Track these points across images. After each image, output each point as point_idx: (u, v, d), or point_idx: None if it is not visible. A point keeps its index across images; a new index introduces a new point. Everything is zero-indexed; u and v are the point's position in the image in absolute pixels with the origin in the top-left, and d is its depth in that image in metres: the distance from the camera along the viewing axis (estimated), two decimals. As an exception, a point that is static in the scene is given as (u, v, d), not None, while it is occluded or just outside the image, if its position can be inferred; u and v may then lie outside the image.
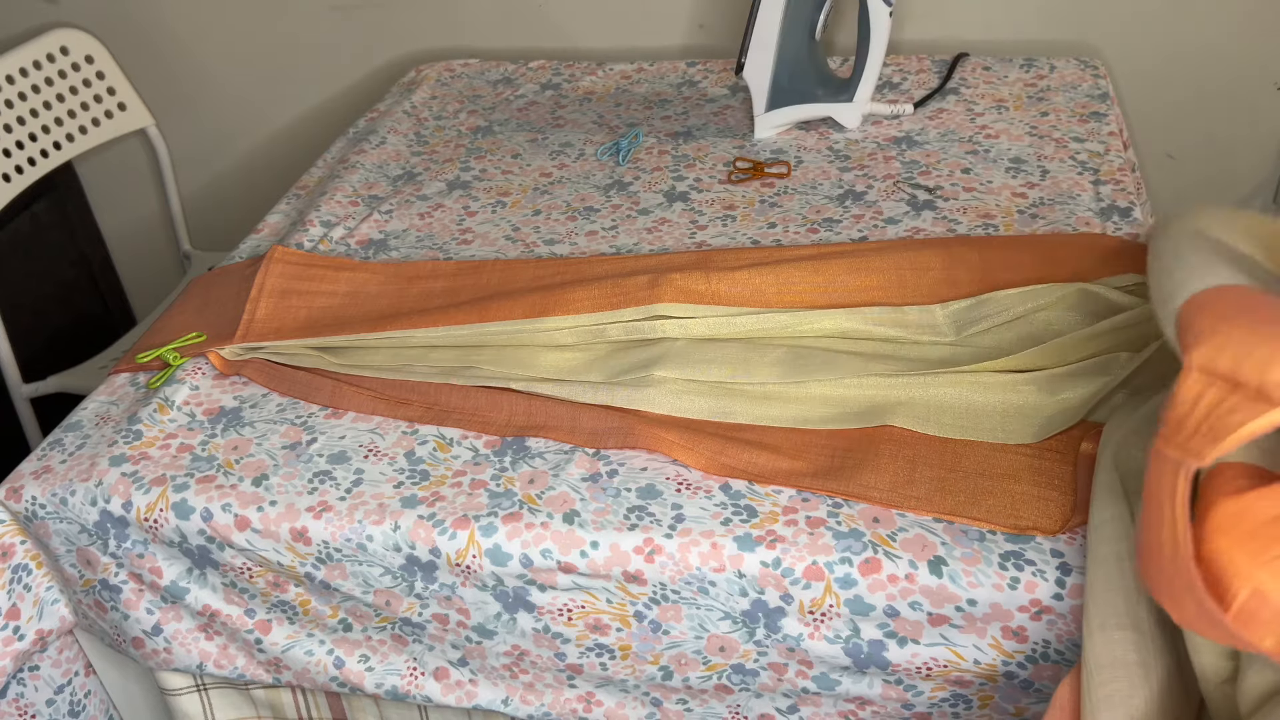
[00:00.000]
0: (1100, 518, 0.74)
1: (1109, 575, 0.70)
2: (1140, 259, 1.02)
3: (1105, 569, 0.71)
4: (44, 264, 1.89)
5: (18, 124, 1.63)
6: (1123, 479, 0.76)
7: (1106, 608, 0.69)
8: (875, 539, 0.81)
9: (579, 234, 1.21)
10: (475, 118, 1.50)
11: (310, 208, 1.29)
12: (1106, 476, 0.76)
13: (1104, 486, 0.75)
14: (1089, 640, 0.69)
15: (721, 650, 0.86)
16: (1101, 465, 0.78)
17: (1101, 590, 0.70)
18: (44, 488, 0.95)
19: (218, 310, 1.14)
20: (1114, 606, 0.69)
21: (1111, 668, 0.67)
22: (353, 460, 0.93)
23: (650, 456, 0.90)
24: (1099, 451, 0.80)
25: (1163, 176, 1.62)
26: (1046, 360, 0.92)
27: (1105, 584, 0.70)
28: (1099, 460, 0.79)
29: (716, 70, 1.56)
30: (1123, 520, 0.72)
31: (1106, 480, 0.75)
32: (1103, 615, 0.69)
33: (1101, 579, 0.71)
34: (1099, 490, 0.76)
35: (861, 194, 1.22)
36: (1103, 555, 0.72)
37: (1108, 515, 0.73)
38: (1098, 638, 0.69)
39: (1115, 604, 0.69)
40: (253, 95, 1.84)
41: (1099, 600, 0.70)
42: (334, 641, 0.95)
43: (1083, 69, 1.44)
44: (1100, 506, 0.75)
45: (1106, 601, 0.70)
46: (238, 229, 1.97)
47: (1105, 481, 0.76)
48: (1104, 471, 0.76)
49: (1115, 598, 0.69)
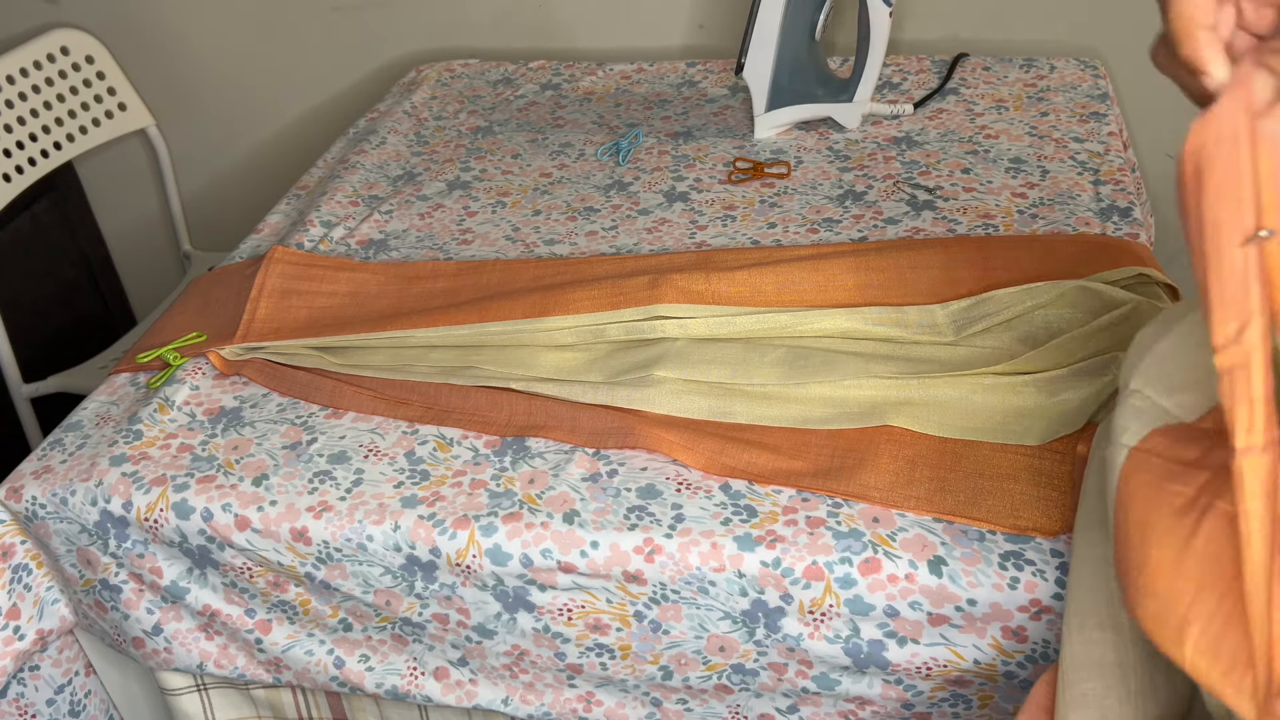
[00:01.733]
0: (1086, 520, 0.74)
1: (1093, 575, 0.70)
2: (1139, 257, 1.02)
3: (1089, 569, 0.71)
4: (44, 264, 1.89)
5: (18, 124, 1.63)
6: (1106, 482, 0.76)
7: (1087, 608, 0.69)
8: (875, 539, 0.81)
9: (579, 234, 1.21)
10: (475, 118, 1.51)
11: (310, 208, 1.29)
12: (1095, 480, 0.76)
13: (1091, 489, 0.76)
14: (1067, 640, 0.69)
15: (721, 650, 0.86)
16: (1091, 467, 0.78)
17: (1084, 590, 0.70)
18: (44, 488, 0.95)
19: (218, 310, 1.14)
20: (1095, 607, 0.69)
21: (1088, 667, 0.67)
22: (353, 460, 0.93)
23: (650, 456, 0.90)
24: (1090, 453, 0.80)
25: (1163, 176, 1.62)
26: (1046, 361, 0.92)
27: (1088, 584, 0.70)
28: (1089, 462, 0.79)
29: (716, 70, 1.56)
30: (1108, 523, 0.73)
31: (1095, 483, 0.75)
32: (1082, 615, 0.69)
33: (1085, 578, 0.71)
34: (1086, 491, 0.76)
35: (861, 194, 1.22)
36: (1086, 556, 0.72)
37: (1094, 519, 0.73)
38: (1076, 637, 0.69)
39: (1097, 605, 0.69)
40: (253, 95, 1.84)
41: (1081, 600, 0.70)
42: (334, 641, 0.95)
43: (1083, 69, 1.44)
44: (1086, 509, 0.75)
45: (1088, 602, 0.70)
46: (238, 229, 1.97)
47: (1093, 484, 0.76)
48: (1092, 474, 0.77)
49: (1097, 598, 0.69)
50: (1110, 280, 0.98)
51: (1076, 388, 0.90)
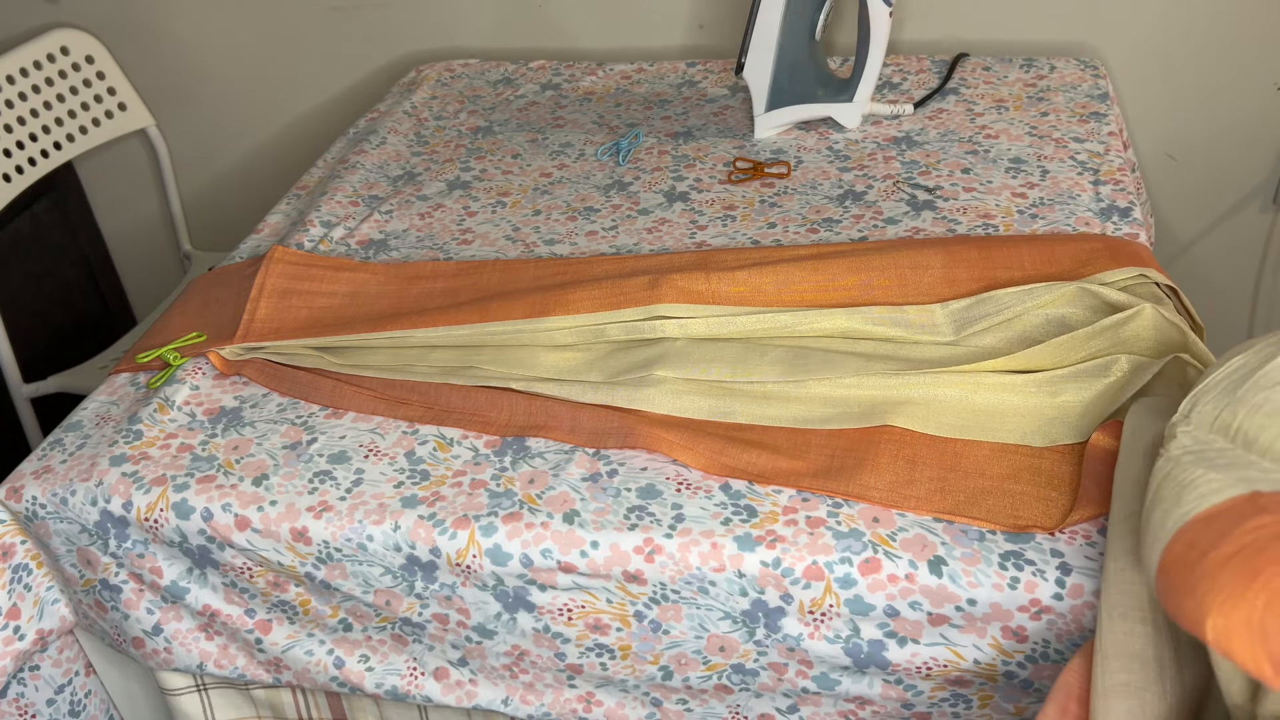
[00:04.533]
0: (1129, 509, 0.74)
1: (1135, 566, 0.70)
2: (1139, 257, 1.02)
3: (1129, 561, 0.71)
4: (44, 264, 1.89)
5: (18, 124, 1.63)
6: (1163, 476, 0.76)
7: (1128, 599, 0.69)
8: (875, 539, 0.81)
9: (579, 234, 1.21)
10: (475, 118, 1.51)
11: (310, 208, 1.29)
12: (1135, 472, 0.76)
13: (1131, 480, 0.76)
14: (1106, 627, 0.69)
15: (721, 650, 0.86)
16: (1128, 458, 0.78)
17: (1125, 582, 0.70)
18: (44, 488, 0.95)
19: (218, 310, 1.14)
20: (1139, 600, 0.69)
21: (1128, 658, 0.67)
22: (353, 460, 0.93)
23: (650, 456, 0.90)
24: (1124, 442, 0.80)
25: (1163, 176, 1.62)
26: (1046, 360, 0.92)
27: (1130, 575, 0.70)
28: (1124, 452, 0.79)
29: (716, 70, 1.56)
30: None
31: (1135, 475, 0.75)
32: (1124, 606, 0.69)
33: (1124, 570, 0.71)
34: (1126, 483, 0.76)
35: (861, 194, 1.22)
36: (1127, 548, 0.72)
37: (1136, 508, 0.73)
38: (1118, 626, 0.69)
39: (1141, 598, 0.69)
40: (253, 95, 1.84)
41: (1122, 590, 0.70)
42: (334, 641, 0.95)
43: (1083, 69, 1.44)
44: (1128, 500, 0.75)
45: (1130, 594, 0.70)
46: (238, 229, 1.97)
47: (1133, 475, 0.76)
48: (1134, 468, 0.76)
49: (1140, 591, 0.69)
50: (1110, 280, 0.98)
51: (1077, 388, 0.90)
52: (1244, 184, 1.61)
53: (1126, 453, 0.79)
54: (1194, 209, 1.64)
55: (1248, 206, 1.62)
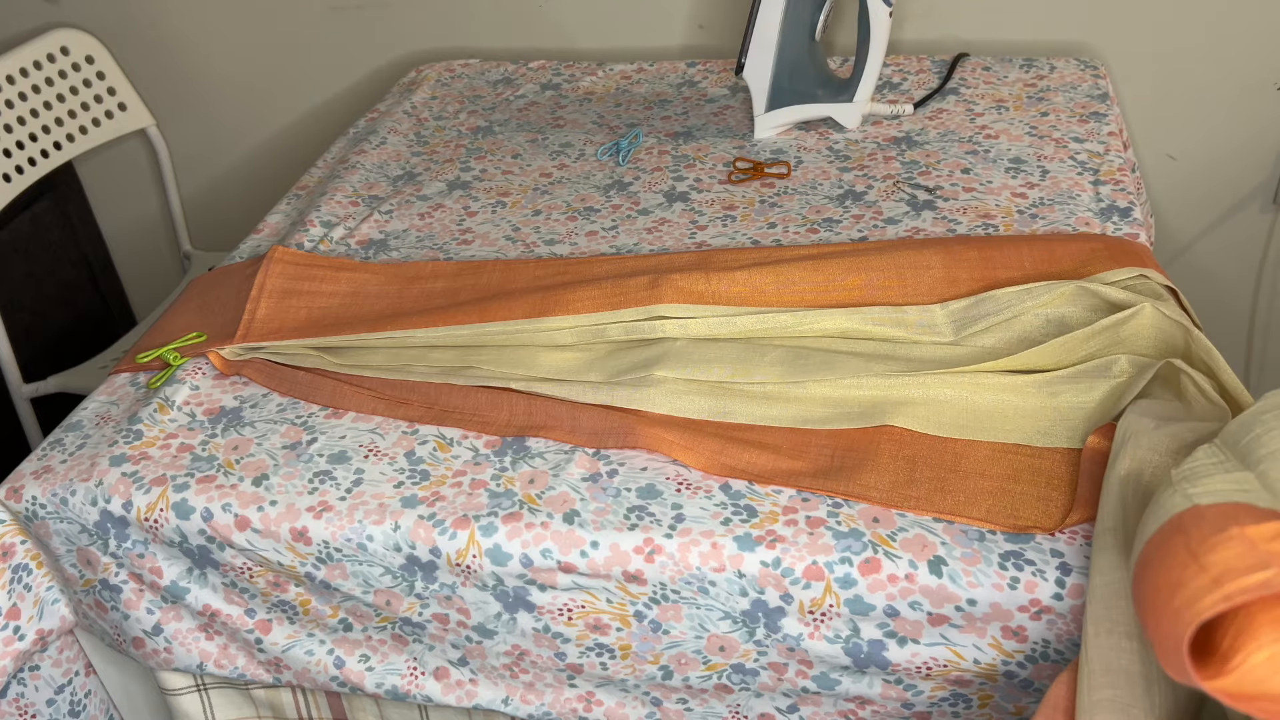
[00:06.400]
0: (1112, 522, 0.73)
1: (1121, 580, 0.70)
2: (1139, 257, 1.02)
3: (1116, 575, 0.70)
4: (44, 264, 1.89)
5: (18, 124, 1.63)
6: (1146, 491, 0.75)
7: (1115, 613, 0.69)
8: (875, 539, 0.81)
9: (579, 234, 1.21)
10: (475, 118, 1.51)
11: (310, 208, 1.29)
12: (1119, 486, 0.75)
13: (1114, 493, 0.75)
14: (1092, 642, 0.68)
15: (721, 650, 0.86)
16: (1115, 469, 0.77)
17: (1111, 596, 0.70)
18: (44, 488, 0.95)
19: (218, 310, 1.14)
20: (1125, 614, 0.69)
21: (1114, 674, 0.67)
22: (353, 460, 0.93)
23: (650, 456, 0.90)
24: (1113, 451, 0.79)
25: (1163, 176, 1.62)
26: (1046, 360, 0.92)
27: (1115, 589, 0.70)
28: (1113, 461, 0.78)
29: (716, 70, 1.56)
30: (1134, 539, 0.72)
31: (1118, 489, 0.75)
32: (1111, 620, 0.69)
33: (1113, 583, 0.70)
34: (1111, 494, 0.75)
35: (861, 194, 1.22)
36: (1113, 562, 0.71)
37: (1119, 522, 0.73)
38: (1104, 642, 0.68)
39: (1127, 612, 0.69)
40: (253, 95, 1.85)
41: (1107, 604, 0.69)
42: (334, 641, 0.95)
43: (1083, 69, 1.44)
44: (1111, 511, 0.74)
45: (1119, 609, 0.69)
46: (238, 229, 1.97)
47: (1117, 489, 0.75)
48: (1116, 479, 0.76)
49: (1125, 605, 0.69)
50: (1110, 280, 0.98)
51: (1077, 388, 0.90)
52: (1244, 184, 1.61)
53: (1111, 464, 0.79)
54: (1194, 209, 1.64)
55: (1248, 206, 1.62)
